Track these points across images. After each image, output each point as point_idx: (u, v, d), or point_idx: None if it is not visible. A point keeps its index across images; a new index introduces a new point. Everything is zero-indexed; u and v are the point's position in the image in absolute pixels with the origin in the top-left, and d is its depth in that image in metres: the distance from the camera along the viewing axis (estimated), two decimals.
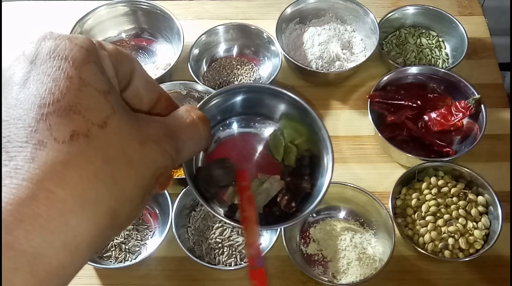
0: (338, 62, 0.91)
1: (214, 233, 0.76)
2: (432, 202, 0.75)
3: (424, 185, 0.76)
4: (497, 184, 0.76)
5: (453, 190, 0.75)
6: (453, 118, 0.83)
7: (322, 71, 0.90)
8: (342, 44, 0.93)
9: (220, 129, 0.43)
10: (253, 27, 0.93)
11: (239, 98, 0.42)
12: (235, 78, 0.93)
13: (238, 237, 0.76)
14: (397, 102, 0.85)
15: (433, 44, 0.96)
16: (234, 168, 0.41)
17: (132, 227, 0.77)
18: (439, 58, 0.94)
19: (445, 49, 0.96)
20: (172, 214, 0.73)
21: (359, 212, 0.78)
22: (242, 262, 0.73)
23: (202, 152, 0.42)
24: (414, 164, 0.78)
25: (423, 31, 0.97)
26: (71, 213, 0.22)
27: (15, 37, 0.99)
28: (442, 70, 0.87)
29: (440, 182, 0.76)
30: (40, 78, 0.24)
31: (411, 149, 0.81)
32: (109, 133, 0.25)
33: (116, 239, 0.76)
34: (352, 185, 0.76)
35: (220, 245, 0.75)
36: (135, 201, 0.26)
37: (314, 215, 0.79)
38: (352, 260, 0.74)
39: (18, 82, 0.25)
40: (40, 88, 0.24)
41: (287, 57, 0.89)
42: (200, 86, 0.85)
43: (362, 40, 0.95)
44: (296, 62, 0.88)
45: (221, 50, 0.96)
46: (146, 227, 0.78)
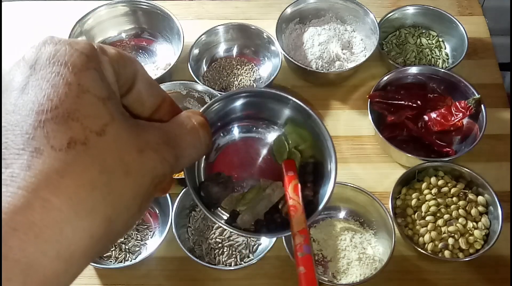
0: (338, 62, 0.91)
1: (214, 233, 0.76)
2: (432, 202, 0.75)
3: (424, 185, 0.76)
4: (497, 184, 0.76)
5: (453, 190, 0.75)
6: (453, 118, 0.83)
7: (322, 71, 0.90)
8: (342, 44, 0.93)
9: (221, 135, 0.42)
10: (253, 27, 0.93)
11: (242, 103, 0.42)
12: (235, 78, 0.93)
13: (238, 237, 0.76)
14: (397, 102, 0.85)
15: (433, 44, 0.96)
16: (231, 180, 0.41)
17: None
18: (439, 58, 0.94)
19: (445, 49, 0.96)
20: (172, 214, 0.73)
21: (359, 212, 0.78)
22: (242, 262, 0.73)
23: (204, 159, 0.42)
24: (414, 164, 0.78)
25: (423, 31, 0.97)
26: (66, 222, 0.22)
27: (15, 37, 0.99)
28: (442, 70, 0.87)
29: (440, 182, 0.76)
30: (39, 83, 0.24)
31: (411, 149, 0.81)
32: (107, 140, 0.24)
33: None
34: (352, 185, 0.76)
35: (220, 245, 0.75)
36: (132, 209, 0.26)
37: None
38: (352, 260, 0.74)
39: (17, 87, 0.24)
40: (38, 94, 0.24)
41: (287, 57, 0.89)
42: (200, 86, 0.85)
43: (362, 40, 0.95)
44: (296, 62, 0.88)
45: (221, 50, 0.96)
46: (146, 227, 0.78)
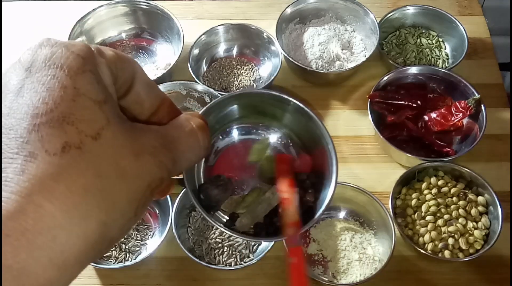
0: (338, 62, 0.91)
1: (214, 233, 0.76)
2: (432, 202, 0.75)
3: (424, 185, 0.76)
4: (497, 184, 0.76)
5: (453, 190, 0.75)
6: (453, 118, 0.83)
7: (322, 71, 0.90)
8: (342, 44, 0.93)
9: (220, 138, 0.42)
10: (253, 27, 0.93)
11: (241, 105, 0.41)
12: (235, 78, 0.93)
13: (238, 237, 0.76)
14: (397, 102, 0.85)
15: (433, 44, 0.96)
16: (231, 182, 0.40)
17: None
18: (439, 58, 0.94)
19: (445, 49, 0.96)
20: (172, 214, 0.73)
21: (359, 212, 0.78)
22: (242, 262, 0.73)
23: (204, 162, 0.41)
24: (414, 164, 0.78)
25: (423, 31, 0.97)
26: (60, 228, 0.22)
27: (15, 37, 0.99)
28: (442, 70, 0.87)
29: (440, 182, 0.76)
30: (34, 86, 0.24)
31: (411, 149, 0.81)
32: (102, 145, 0.24)
33: None
34: (352, 185, 0.76)
35: (220, 245, 0.75)
36: (128, 214, 0.25)
37: None
38: (352, 260, 0.74)
39: (12, 90, 0.24)
40: (33, 97, 0.23)
41: (287, 57, 0.89)
42: (200, 86, 0.85)
43: (362, 40, 0.95)
44: (296, 62, 0.88)
45: (221, 50, 0.96)
46: (146, 227, 0.78)
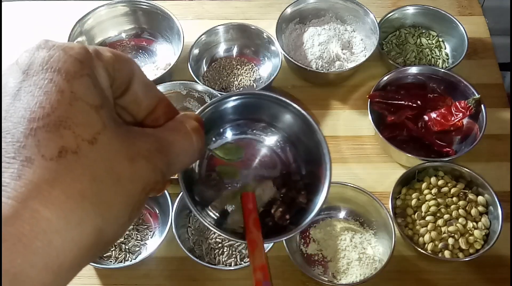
0: (338, 62, 0.91)
1: (214, 233, 0.76)
2: (432, 202, 0.75)
3: (424, 185, 0.76)
4: (497, 184, 0.76)
5: (453, 190, 0.75)
6: (453, 118, 0.83)
7: (322, 71, 0.90)
8: (342, 44, 0.93)
9: (213, 140, 0.42)
10: (253, 27, 0.93)
11: (237, 106, 0.41)
12: (235, 78, 0.93)
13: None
14: (397, 102, 0.85)
15: (433, 44, 0.96)
16: (222, 181, 0.40)
17: (132, 227, 0.77)
18: (439, 58, 0.94)
19: (445, 49, 0.96)
20: (172, 214, 0.73)
21: (359, 212, 0.78)
22: (242, 262, 0.73)
23: (198, 165, 0.41)
24: (414, 164, 0.78)
25: (423, 31, 0.97)
26: (55, 233, 0.22)
27: (15, 37, 0.99)
28: (442, 70, 0.87)
29: (440, 182, 0.76)
30: (31, 90, 0.24)
31: (411, 149, 0.81)
32: (98, 149, 0.24)
33: None
34: (352, 185, 0.76)
35: (220, 245, 0.75)
36: (122, 218, 0.26)
37: None
38: (352, 260, 0.74)
39: (9, 93, 0.24)
40: (30, 101, 0.23)
41: (287, 57, 0.89)
42: (200, 86, 0.85)
43: (362, 40, 0.95)
44: (296, 62, 0.88)
45: (221, 50, 0.96)
46: (146, 227, 0.78)
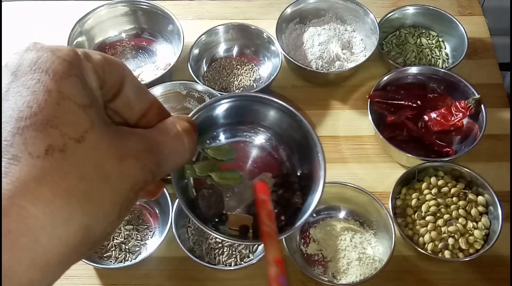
0: (338, 62, 0.91)
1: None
2: (432, 202, 0.75)
3: (424, 185, 0.76)
4: (497, 184, 0.76)
5: (453, 190, 0.75)
6: (453, 118, 0.83)
7: (322, 71, 0.90)
8: (342, 44, 0.93)
9: (207, 142, 0.42)
10: (253, 27, 0.93)
11: (228, 108, 0.41)
12: (235, 78, 0.93)
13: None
14: (397, 102, 0.85)
15: (433, 44, 0.96)
16: (221, 195, 0.40)
17: (132, 227, 0.77)
18: (439, 58, 0.94)
19: (445, 49, 0.96)
20: (172, 214, 0.73)
21: (359, 212, 0.78)
22: (242, 262, 0.73)
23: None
24: (414, 164, 0.78)
25: (423, 31, 0.97)
26: (42, 230, 0.22)
27: (15, 37, 0.99)
28: (442, 70, 0.87)
29: (440, 182, 0.76)
30: (19, 90, 0.24)
31: (411, 149, 0.81)
32: (86, 148, 0.24)
33: (116, 239, 0.76)
34: (352, 185, 0.76)
35: (220, 245, 0.75)
36: (111, 217, 0.26)
37: (314, 215, 0.78)
38: (352, 260, 0.74)
39: None
40: (18, 101, 0.24)
41: (287, 57, 0.89)
42: (200, 86, 0.85)
43: (362, 40, 0.95)
44: (296, 62, 0.88)
45: (221, 50, 0.96)
46: (146, 227, 0.78)
